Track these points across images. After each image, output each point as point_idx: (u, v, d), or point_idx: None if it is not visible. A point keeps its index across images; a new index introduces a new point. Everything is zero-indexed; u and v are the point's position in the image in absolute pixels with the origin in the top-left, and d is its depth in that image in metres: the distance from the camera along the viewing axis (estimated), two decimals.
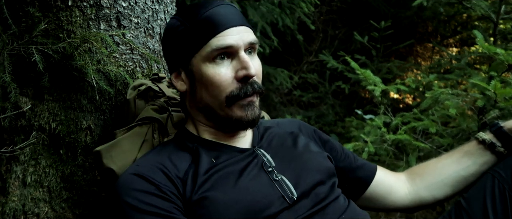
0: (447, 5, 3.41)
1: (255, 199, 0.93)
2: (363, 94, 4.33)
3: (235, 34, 0.98)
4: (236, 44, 0.98)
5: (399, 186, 1.22)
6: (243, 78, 0.98)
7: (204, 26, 0.99)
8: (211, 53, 0.98)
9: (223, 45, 0.97)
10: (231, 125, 1.02)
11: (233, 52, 0.99)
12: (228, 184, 0.94)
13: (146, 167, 0.96)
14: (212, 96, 1.00)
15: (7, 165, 1.21)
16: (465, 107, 1.92)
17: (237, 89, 0.98)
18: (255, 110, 1.01)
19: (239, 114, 1.00)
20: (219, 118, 1.03)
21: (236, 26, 1.00)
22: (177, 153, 1.02)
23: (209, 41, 0.98)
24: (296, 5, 3.16)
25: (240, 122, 1.01)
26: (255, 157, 1.03)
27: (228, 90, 0.98)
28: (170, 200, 0.91)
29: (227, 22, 0.99)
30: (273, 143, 1.09)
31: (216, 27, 0.98)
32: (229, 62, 0.99)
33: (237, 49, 0.98)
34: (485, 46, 1.69)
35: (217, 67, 0.99)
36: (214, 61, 0.99)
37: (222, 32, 0.98)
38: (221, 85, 0.98)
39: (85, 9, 1.20)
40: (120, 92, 1.27)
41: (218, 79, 0.98)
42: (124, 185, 0.93)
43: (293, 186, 0.98)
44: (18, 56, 1.15)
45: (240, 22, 1.01)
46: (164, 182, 0.93)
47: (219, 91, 0.99)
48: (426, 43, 4.77)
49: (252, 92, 0.99)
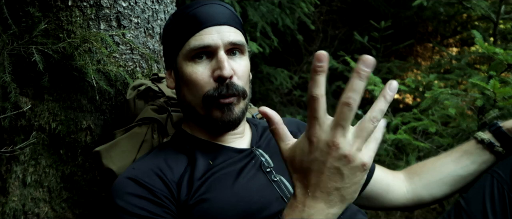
0: (447, 5, 3.41)
1: (252, 200, 0.93)
2: (363, 94, 4.32)
3: (214, 33, 0.98)
4: (214, 44, 0.97)
5: (398, 185, 1.22)
6: (218, 79, 0.97)
7: (186, 24, 0.99)
8: (189, 52, 0.98)
9: (200, 45, 0.97)
10: (211, 125, 1.01)
11: (212, 51, 0.98)
12: (226, 185, 0.94)
13: (141, 170, 0.96)
14: (191, 95, 1.00)
15: (7, 165, 1.21)
16: (464, 107, 1.92)
17: (213, 89, 0.97)
18: (234, 112, 0.99)
19: (217, 114, 0.99)
20: (200, 117, 1.02)
21: (217, 25, 0.99)
22: (174, 155, 1.01)
23: (188, 40, 0.98)
24: (296, 5, 3.16)
25: (216, 122, 1.00)
26: (253, 157, 1.02)
27: (205, 90, 0.98)
28: (163, 204, 0.91)
29: (208, 21, 0.98)
30: (271, 143, 1.09)
31: (195, 26, 0.98)
32: (208, 62, 0.99)
33: (215, 48, 0.97)
34: (485, 46, 1.69)
35: (195, 66, 0.99)
36: (193, 60, 0.99)
37: (201, 31, 0.98)
38: (197, 84, 0.98)
39: (85, 9, 1.20)
40: (120, 92, 1.27)
41: (194, 78, 0.98)
42: (118, 188, 0.93)
43: (292, 186, 0.97)
44: (18, 56, 1.15)
45: (223, 21, 1.00)
46: (159, 186, 0.92)
47: (196, 90, 0.99)
48: (426, 43, 4.77)
49: (228, 94, 0.97)
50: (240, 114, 1.01)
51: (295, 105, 4.11)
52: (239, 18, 1.06)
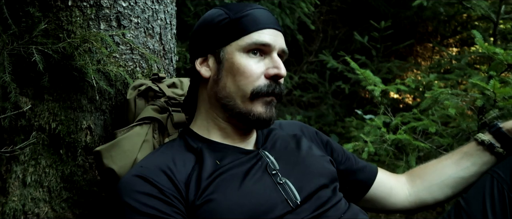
0: (447, 5, 3.41)
1: (259, 202, 0.93)
2: (363, 94, 4.33)
3: (274, 36, 1.04)
4: (273, 44, 1.03)
5: (400, 188, 1.22)
6: (274, 77, 1.02)
7: (247, 20, 1.04)
8: (249, 45, 1.02)
9: (262, 41, 1.02)
10: (247, 119, 1.03)
11: (267, 51, 1.03)
12: (232, 186, 0.94)
13: (149, 168, 0.96)
14: (237, 86, 1.02)
15: (7, 165, 1.21)
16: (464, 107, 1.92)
17: (264, 86, 1.02)
18: (273, 110, 1.04)
19: (260, 110, 1.02)
20: (237, 110, 1.03)
21: (276, 30, 1.06)
22: (181, 154, 1.01)
23: (251, 33, 1.02)
24: (296, 5, 3.16)
25: (258, 118, 1.02)
26: (259, 159, 1.03)
27: (255, 84, 1.01)
28: (172, 204, 0.91)
29: (269, 23, 1.05)
30: (277, 145, 1.09)
31: (259, 23, 1.03)
32: (261, 59, 1.04)
33: (272, 49, 1.03)
34: (485, 46, 1.69)
35: (250, 59, 1.03)
36: (248, 53, 1.03)
37: (264, 29, 1.03)
38: (250, 77, 1.01)
39: (85, 9, 1.20)
40: (120, 92, 1.27)
41: (249, 69, 1.02)
42: (126, 186, 0.93)
43: (297, 189, 0.98)
44: (18, 56, 1.15)
45: (278, 28, 1.07)
46: (167, 185, 0.92)
47: (246, 82, 1.01)
48: (426, 43, 4.77)
49: (278, 92, 1.03)
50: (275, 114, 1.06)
51: (295, 105, 4.11)
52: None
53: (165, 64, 1.40)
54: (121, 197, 0.92)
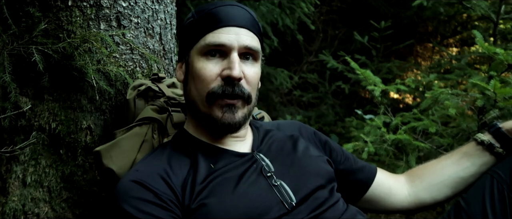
0: (447, 5, 3.41)
1: (254, 205, 0.92)
2: (363, 94, 4.33)
3: (231, 34, 0.98)
4: (229, 44, 0.97)
5: (399, 188, 1.21)
6: (226, 79, 0.97)
7: (206, 20, 1.00)
8: (204, 47, 0.99)
9: (215, 42, 0.98)
10: (210, 124, 1.01)
11: (226, 51, 0.98)
12: (227, 190, 0.94)
13: (146, 173, 0.95)
14: (197, 90, 1.00)
15: (7, 165, 1.21)
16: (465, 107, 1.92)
17: (219, 87, 0.97)
18: (234, 114, 0.99)
19: (217, 114, 0.98)
20: (200, 114, 1.02)
21: (236, 27, 0.99)
22: (177, 157, 1.01)
23: (205, 36, 0.99)
24: (296, 5, 3.16)
25: (215, 122, 0.99)
26: (254, 162, 1.02)
27: (210, 86, 0.98)
28: (168, 208, 0.90)
29: (227, 20, 0.99)
30: (272, 147, 1.08)
31: (215, 23, 0.98)
32: (220, 61, 0.99)
33: (229, 49, 0.98)
34: (485, 46, 1.69)
35: (206, 62, 0.99)
36: (206, 56, 0.99)
37: (219, 29, 0.98)
38: (205, 80, 0.98)
39: (85, 9, 1.20)
40: (120, 92, 1.27)
41: (203, 73, 0.98)
42: (123, 191, 0.93)
43: (292, 191, 0.97)
44: (18, 56, 1.15)
45: (243, 24, 1.00)
46: (164, 189, 0.92)
47: (202, 86, 0.99)
48: (426, 43, 4.77)
49: (232, 95, 0.97)
50: (242, 119, 1.01)
51: (295, 105, 4.11)
52: (259, 24, 1.06)
53: (165, 64, 1.40)
54: (118, 203, 0.91)
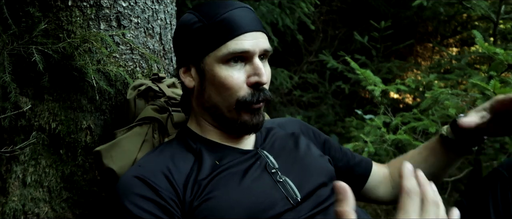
0: (447, 5, 3.41)
1: (258, 200, 0.93)
2: (363, 94, 4.33)
3: (252, 39, 0.98)
4: (252, 50, 0.98)
5: (387, 179, 1.25)
6: (255, 85, 0.99)
7: (222, 27, 0.98)
8: (226, 55, 0.98)
9: (240, 49, 0.97)
10: (236, 127, 1.03)
11: (247, 57, 0.99)
12: (232, 184, 0.94)
13: (148, 169, 0.95)
14: (221, 97, 1.00)
15: (7, 165, 1.21)
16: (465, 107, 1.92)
17: (248, 95, 0.99)
18: (260, 115, 1.02)
19: (245, 118, 1.01)
20: (225, 119, 1.03)
21: (253, 31, 1.00)
22: (180, 153, 1.01)
23: (226, 43, 0.98)
24: (296, 5, 3.16)
25: (245, 125, 1.01)
26: (258, 158, 1.03)
27: (239, 94, 0.99)
28: (168, 207, 0.90)
29: (245, 26, 0.99)
30: (275, 144, 1.09)
31: (234, 30, 0.98)
32: (242, 66, 1.00)
33: (252, 54, 0.98)
34: (485, 46, 1.69)
35: (230, 70, 0.99)
36: (228, 63, 0.99)
37: (240, 36, 0.98)
38: (232, 88, 0.99)
39: (85, 9, 1.20)
40: (120, 92, 1.27)
41: (230, 81, 0.98)
42: (124, 187, 0.93)
43: (296, 187, 0.98)
44: (18, 56, 1.15)
45: (258, 28, 1.01)
46: (165, 186, 0.92)
47: (230, 94, 0.99)
48: (426, 43, 4.78)
49: (263, 100, 1.00)
50: (264, 117, 1.04)
51: (295, 105, 4.11)
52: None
53: (165, 64, 1.40)
54: (119, 199, 0.92)
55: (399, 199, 0.67)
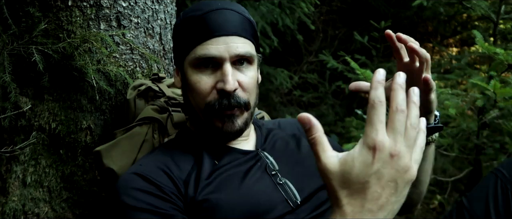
0: (447, 5, 3.41)
1: (258, 202, 0.92)
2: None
3: (221, 44, 0.94)
4: (219, 56, 0.94)
5: None
6: (220, 92, 0.96)
7: (194, 30, 0.97)
8: (195, 60, 0.97)
9: (205, 55, 0.95)
10: (212, 133, 1.02)
11: (218, 62, 0.96)
12: (232, 186, 0.94)
13: (148, 167, 0.95)
14: (195, 101, 1.00)
15: (7, 165, 1.21)
16: (465, 107, 1.92)
17: (214, 100, 0.96)
18: (235, 123, 0.98)
19: (217, 124, 0.99)
20: (202, 123, 1.02)
21: (225, 36, 0.95)
22: (180, 153, 1.01)
23: (195, 48, 0.96)
24: (296, 5, 3.16)
25: (217, 131, 0.99)
26: (259, 160, 1.02)
27: (207, 100, 0.97)
28: (170, 200, 0.90)
29: (216, 30, 0.95)
30: (276, 145, 1.08)
31: (202, 35, 0.95)
32: (213, 71, 0.97)
33: (221, 60, 0.95)
34: (485, 46, 1.69)
35: (199, 75, 0.97)
36: (198, 68, 0.97)
37: (208, 40, 0.95)
38: (201, 94, 0.97)
39: (85, 9, 1.20)
40: (120, 92, 1.27)
41: (198, 87, 0.97)
42: (124, 183, 0.93)
43: (297, 189, 0.97)
44: (18, 56, 1.15)
45: (232, 31, 0.96)
46: (166, 182, 0.92)
47: (199, 99, 0.98)
48: (426, 43, 4.77)
49: (229, 107, 0.96)
50: (243, 125, 1.00)
51: (295, 105, 4.11)
52: (252, 23, 1.02)
53: (165, 64, 1.40)
54: (119, 195, 0.91)
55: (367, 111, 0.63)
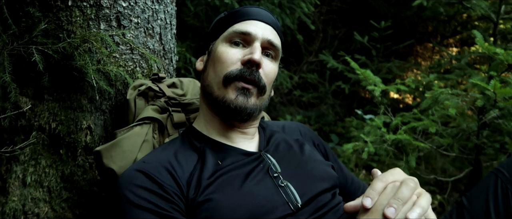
0: (447, 5, 3.41)
1: (259, 204, 0.93)
2: (363, 94, 4.33)
3: (258, 27, 1.06)
4: (254, 33, 1.04)
5: None
6: (247, 62, 1.02)
7: (237, 13, 1.09)
8: (230, 34, 1.06)
9: (242, 30, 1.05)
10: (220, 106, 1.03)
11: (249, 40, 1.05)
12: (233, 187, 0.94)
13: (152, 164, 0.96)
14: (215, 73, 1.04)
15: (7, 165, 1.21)
16: (465, 107, 1.92)
17: (237, 70, 1.02)
18: (247, 99, 1.01)
19: (231, 96, 1.01)
20: (214, 96, 1.04)
21: (262, 22, 1.07)
22: (184, 152, 1.02)
23: (233, 24, 1.07)
24: (296, 5, 3.16)
25: (229, 104, 1.01)
26: (261, 162, 1.03)
27: (229, 69, 1.02)
28: (171, 200, 0.90)
29: (256, 15, 1.07)
30: (279, 148, 1.09)
31: (245, 15, 1.08)
32: (243, 49, 1.05)
33: (253, 38, 1.04)
34: (485, 46, 1.69)
35: (229, 48, 1.05)
36: (230, 43, 1.06)
37: (248, 21, 1.06)
38: (225, 63, 1.03)
39: (85, 9, 1.20)
40: (120, 92, 1.27)
41: (225, 56, 1.04)
42: (126, 180, 0.93)
43: (298, 193, 0.97)
44: (18, 56, 1.15)
45: (269, 22, 1.09)
46: (168, 181, 0.92)
47: (221, 68, 1.03)
48: (426, 43, 4.78)
49: (250, 78, 1.01)
50: (254, 107, 1.03)
51: (295, 105, 4.11)
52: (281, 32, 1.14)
53: (165, 64, 1.40)
54: (120, 191, 0.91)
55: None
